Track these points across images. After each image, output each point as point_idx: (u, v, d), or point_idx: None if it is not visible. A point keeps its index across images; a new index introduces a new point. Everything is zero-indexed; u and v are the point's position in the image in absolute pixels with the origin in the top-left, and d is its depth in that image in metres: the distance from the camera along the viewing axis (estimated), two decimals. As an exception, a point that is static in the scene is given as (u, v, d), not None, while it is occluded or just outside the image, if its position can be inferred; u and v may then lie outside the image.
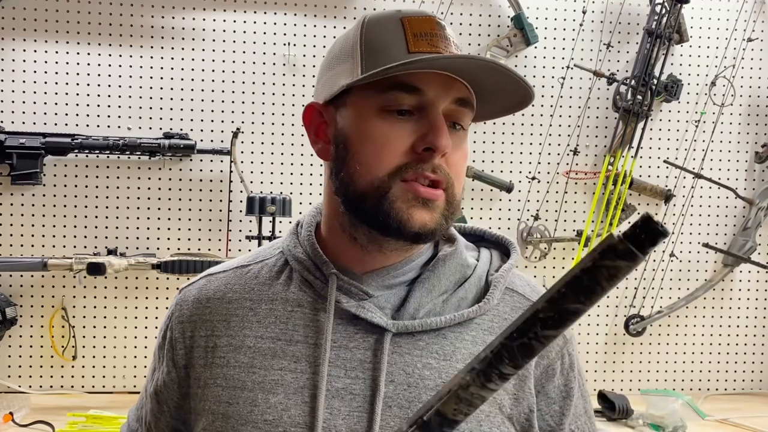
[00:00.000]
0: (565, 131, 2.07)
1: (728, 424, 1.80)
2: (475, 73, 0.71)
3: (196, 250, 1.92)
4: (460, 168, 0.74)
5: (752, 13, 2.11)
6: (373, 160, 0.71)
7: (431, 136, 0.69)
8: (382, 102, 0.70)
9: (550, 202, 2.06)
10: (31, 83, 1.89)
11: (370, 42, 0.72)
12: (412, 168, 0.70)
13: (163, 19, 1.94)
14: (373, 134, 0.71)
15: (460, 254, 0.79)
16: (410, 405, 0.71)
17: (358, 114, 0.72)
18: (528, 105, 0.75)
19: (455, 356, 0.73)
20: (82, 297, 1.91)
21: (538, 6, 2.07)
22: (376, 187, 0.70)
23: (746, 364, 2.17)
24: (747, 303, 2.16)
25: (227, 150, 1.90)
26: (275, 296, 0.77)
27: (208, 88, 1.96)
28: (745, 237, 2.07)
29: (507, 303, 0.79)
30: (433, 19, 0.73)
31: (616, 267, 0.44)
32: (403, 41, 0.71)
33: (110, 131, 1.91)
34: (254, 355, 0.74)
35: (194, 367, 0.78)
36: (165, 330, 0.83)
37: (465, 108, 0.73)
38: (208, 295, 0.81)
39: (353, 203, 0.73)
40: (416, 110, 0.71)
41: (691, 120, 2.11)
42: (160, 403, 0.83)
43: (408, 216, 0.70)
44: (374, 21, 0.74)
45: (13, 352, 1.89)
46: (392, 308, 0.75)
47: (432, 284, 0.75)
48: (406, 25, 0.71)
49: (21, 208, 1.89)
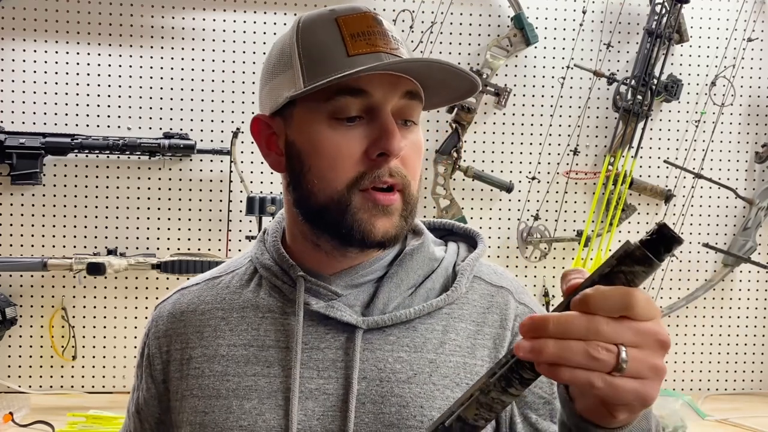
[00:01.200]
0: (565, 131, 2.07)
1: (728, 424, 1.80)
2: (419, 71, 0.70)
3: (196, 250, 1.92)
4: (415, 163, 0.73)
5: (752, 13, 2.11)
6: (329, 173, 0.70)
7: (384, 141, 0.68)
8: (329, 110, 0.69)
9: (550, 202, 2.06)
10: (31, 83, 1.89)
11: (307, 48, 0.71)
12: (368, 177, 0.69)
13: (163, 19, 1.94)
14: (325, 146, 0.70)
15: (427, 248, 0.79)
16: (383, 400, 0.71)
17: (307, 126, 0.71)
18: (475, 93, 0.74)
19: (426, 347, 0.74)
20: (82, 297, 1.91)
21: (538, 6, 2.07)
22: (336, 201, 0.70)
23: (746, 364, 2.17)
24: (747, 303, 2.16)
25: (227, 150, 1.90)
26: (246, 304, 0.78)
27: (208, 88, 1.96)
28: (745, 237, 2.07)
29: (475, 290, 0.79)
30: (368, 16, 0.71)
31: (633, 272, 0.46)
32: (341, 44, 0.69)
33: (110, 131, 1.91)
34: (228, 363, 0.75)
35: (171, 381, 0.78)
36: (143, 347, 0.83)
37: (414, 101, 0.72)
38: (182, 309, 0.81)
39: (314, 216, 0.73)
40: (365, 113, 0.70)
41: (691, 120, 2.11)
42: (141, 421, 0.83)
43: (371, 226, 0.70)
44: (309, 24, 0.72)
45: (13, 352, 1.89)
46: (362, 305, 0.75)
47: (400, 279, 0.76)
48: (342, 26, 0.70)
49: (21, 208, 1.89)
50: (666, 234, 0.45)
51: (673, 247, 0.45)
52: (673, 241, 0.45)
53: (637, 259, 0.46)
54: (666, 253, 0.45)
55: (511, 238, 2.05)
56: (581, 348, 0.45)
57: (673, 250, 0.46)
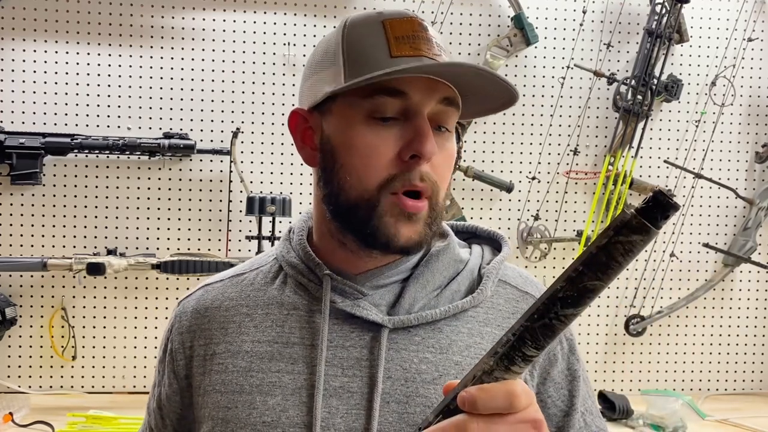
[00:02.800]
0: (565, 131, 2.07)
1: (728, 424, 1.80)
2: (460, 77, 0.70)
3: (196, 250, 1.92)
4: (445, 170, 0.74)
5: (752, 13, 2.11)
6: (362, 171, 0.71)
7: (416, 143, 0.69)
8: (367, 108, 0.70)
9: (550, 202, 2.06)
10: (31, 83, 1.89)
11: (352, 46, 0.72)
12: (400, 179, 0.70)
13: (163, 19, 1.94)
14: (360, 143, 0.70)
15: (452, 249, 0.79)
16: (408, 400, 0.71)
17: (344, 122, 0.72)
18: (512, 105, 0.75)
19: (451, 349, 0.74)
20: (82, 297, 1.91)
21: (538, 6, 2.07)
22: (366, 200, 0.70)
23: (746, 364, 2.17)
24: (747, 303, 2.16)
25: (227, 150, 1.90)
26: (271, 301, 0.78)
27: (208, 88, 1.96)
28: (746, 237, 2.07)
29: (501, 295, 0.79)
30: (414, 21, 0.72)
31: (630, 242, 0.45)
32: (385, 45, 0.70)
33: (110, 131, 1.91)
34: (252, 359, 0.74)
35: (194, 377, 0.78)
36: (165, 343, 0.83)
37: (451, 107, 0.72)
38: (206, 305, 0.81)
39: (342, 213, 0.73)
40: (401, 115, 0.70)
41: (691, 120, 2.11)
42: (163, 417, 0.83)
43: (396, 231, 0.70)
44: (355, 24, 0.73)
45: (13, 352, 1.89)
46: (387, 305, 0.75)
47: (426, 279, 0.76)
48: (388, 28, 0.71)
49: (21, 208, 1.89)
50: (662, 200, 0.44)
51: (670, 214, 0.45)
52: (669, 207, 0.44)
53: (634, 228, 0.45)
54: (663, 220, 0.45)
55: (511, 238, 2.05)
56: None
57: (670, 216, 0.45)
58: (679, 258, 2.09)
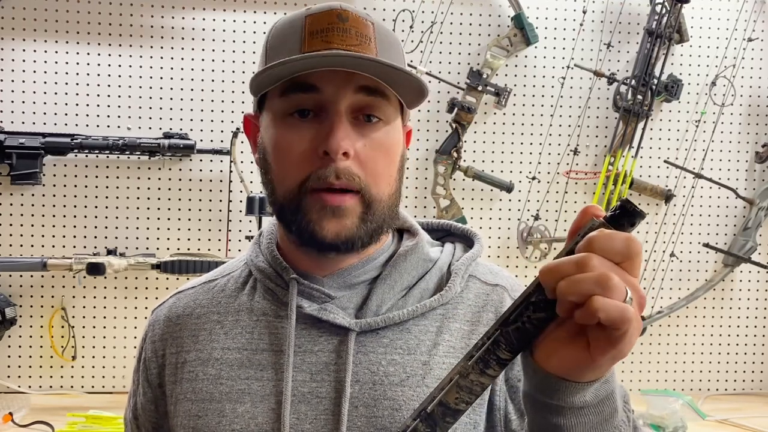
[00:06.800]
0: (565, 131, 2.07)
1: (728, 424, 1.80)
2: (367, 67, 0.67)
3: (196, 250, 1.92)
4: (378, 163, 0.70)
5: (752, 13, 2.11)
6: (284, 170, 0.70)
7: (324, 138, 0.67)
8: (283, 107, 0.70)
9: (550, 202, 2.05)
10: (31, 83, 1.89)
11: (272, 46, 0.72)
12: (314, 177, 0.68)
13: (163, 19, 1.94)
14: (279, 142, 0.70)
15: (421, 248, 0.78)
16: (376, 403, 0.70)
17: (269, 122, 0.72)
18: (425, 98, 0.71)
19: (419, 349, 0.73)
20: (82, 297, 1.91)
21: (538, 6, 2.07)
22: (290, 199, 0.70)
23: (746, 364, 2.17)
24: (747, 303, 2.16)
25: (227, 150, 1.90)
26: (241, 307, 0.77)
27: (208, 88, 1.96)
28: (746, 237, 2.07)
29: (471, 290, 0.77)
30: (333, 12, 0.70)
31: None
32: (299, 41, 0.69)
33: (110, 131, 1.91)
34: (221, 367, 0.74)
35: (167, 385, 0.78)
36: (140, 352, 0.83)
37: (374, 97, 0.69)
38: (178, 313, 0.81)
39: (278, 214, 0.73)
40: (318, 110, 0.69)
41: (691, 120, 2.11)
42: (139, 427, 0.83)
43: (318, 227, 0.69)
44: (281, 23, 0.73)
45: (13, 352, 1.89)
46: (355, 308, 0.74)
47: (394, 280, 0.75)
48: (306, 24, 0.70)
49: (21, 208, 1.89)
50: (629, 209, 0.47)
51: (637, 222, 0.47)
52: (635, 215, 0.47)
53: None
54: (630, 227, 0.47)
55: (511, 238, 2.05)
56: (604, 280, 0.47)
57: (637, 224, 0.48)
58: (679, 258, 2.09)
